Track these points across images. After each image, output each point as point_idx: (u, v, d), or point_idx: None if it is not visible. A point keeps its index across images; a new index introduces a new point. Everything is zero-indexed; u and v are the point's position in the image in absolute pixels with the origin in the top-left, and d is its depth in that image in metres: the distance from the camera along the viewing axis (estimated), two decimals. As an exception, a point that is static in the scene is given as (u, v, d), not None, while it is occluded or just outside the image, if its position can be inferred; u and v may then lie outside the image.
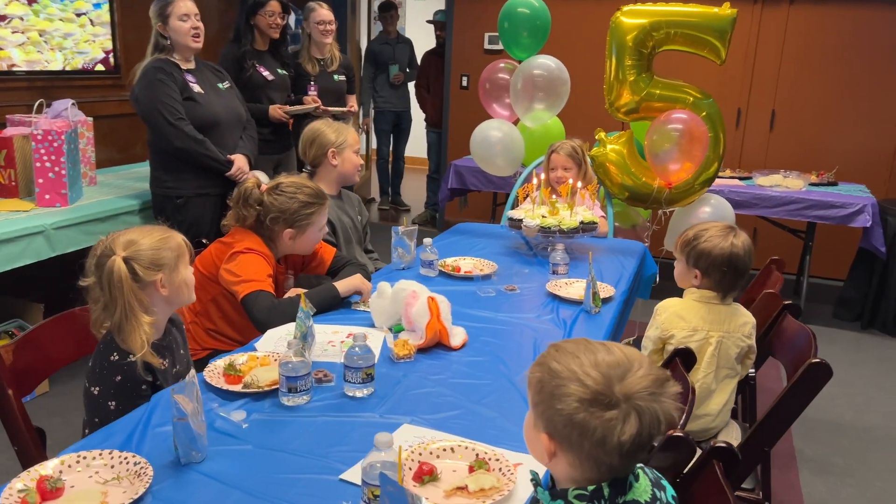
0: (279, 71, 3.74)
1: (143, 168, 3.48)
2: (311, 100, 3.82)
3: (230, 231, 2.30)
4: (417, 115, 6.55)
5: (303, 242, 2.29)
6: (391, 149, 6.65)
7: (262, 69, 3.64)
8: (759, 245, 5.16)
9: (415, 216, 6.54)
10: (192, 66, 3.05)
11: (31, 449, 1.61)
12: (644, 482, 1.13)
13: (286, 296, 2.23)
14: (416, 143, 7.00)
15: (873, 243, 4.07)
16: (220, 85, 3.14)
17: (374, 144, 6.82)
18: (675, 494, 1.17)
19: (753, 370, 2.24)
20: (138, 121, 3.07)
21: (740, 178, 4.59)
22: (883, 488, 2.73)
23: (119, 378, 1.55)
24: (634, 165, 3.53)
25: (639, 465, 1.15)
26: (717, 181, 4.35)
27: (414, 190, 7.37)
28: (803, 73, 5.09)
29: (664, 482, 1.17)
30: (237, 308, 2.17)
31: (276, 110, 3.64)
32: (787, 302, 2.23)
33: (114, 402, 1.56)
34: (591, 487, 1.06)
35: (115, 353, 1.56)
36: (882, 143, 5.00)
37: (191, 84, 2.99)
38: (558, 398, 1.04)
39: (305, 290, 2.20)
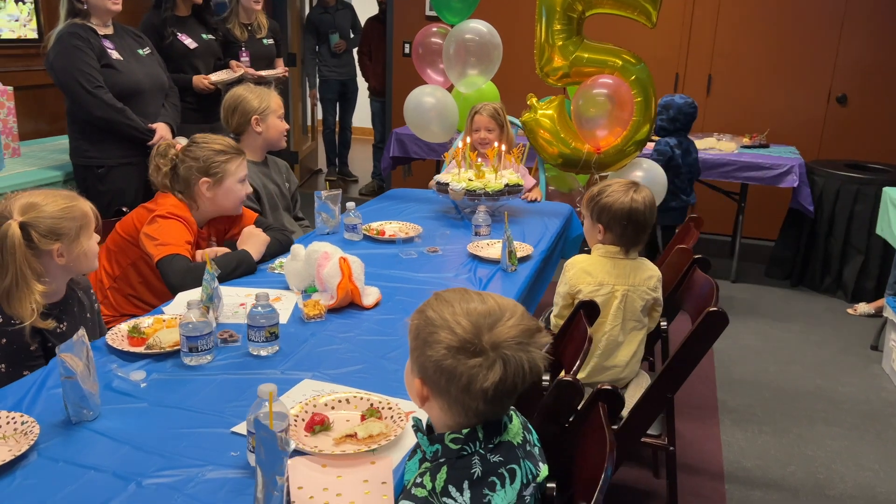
0: (204, 37, 3.61)
1: (70, 139, 3.40)
2: (235, 65, 3.73)
3: (155, 196, 2.29)
4: (364, 84, 6.50)
5: (223, 195, 2.26)
6: (337, 118, 6.59)
7: (183, 37, 3.51)
8: (696, 207, 5.30)
9: (362, 187, 6.52)
10: (109, 31, 2.97)
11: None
12: (517, 424, 1.17)
13: (200, 254, 2.22)
14: (364, 113, 6.95)
15: (801, 202, 4.20)
16: (140, 51, 3.07)
17: (320, 115, 6.75)
18: (538, 437, 1.22)
19: (665, 322, 2.31)
20: (64, 91, 2.99)
21: (676, 142, 4.67)
22: (799, 434, 2.85)
23: (4, 341, 1.54)
24: (565, 131, 3.57)
25: (511, 408, 1.19)
26: (652, 145, 4.43)
27: (362, 161, 7.33)
28: (739, 38, 5.17)
29: (530, 426, 1.22)
30: (157, 273, 2.16)
31: (201, 81, 3.54)
32: (696, 256, 2.31)
33: (4, 366, 1.55)
34: (465, 431, 1.10)
35: None
36: (814, 106, 5.12)
37: (109, 50, 2.91)
38: (430, 345, 1.07)
39: (226, 250, 2.22)
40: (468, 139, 2.90)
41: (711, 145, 4.49)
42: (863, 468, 2.64)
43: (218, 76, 3.60)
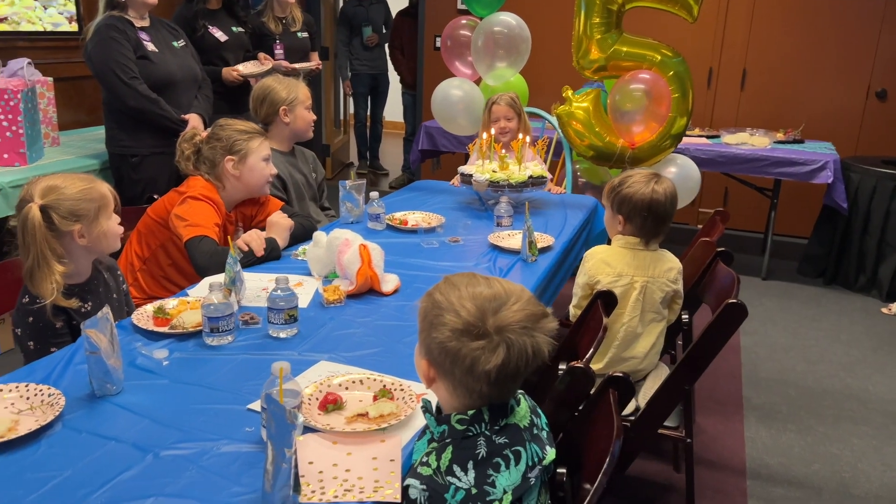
0: (234, 29, 3.68)
1: (108, 129, 3.49)
2: (264, 58, 3.78)
3: (186, 179, 2.35)
4: (395, 78, 6.54)
5: (248, 173, 2.32)
6: (369, 112, 6.65)
7: (214, 30, 3.58)
8: (729, 204, 5.24)
9: (392, 180, 6.56)
10: (146, 23, 3.05)
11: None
12: (524, 407, 1.19)
13: (241, 239, 2.27)
14: (395, 107, 7.00)
15: (835, 199, 4.12)
16: (174, 43, 3.14)
17: (351, 108, 6.81)
18: (546, 421, 1.23)
19: (687, 315, 2.30)
20: (102, 81, 3.08)
21: (708, 137, 4.62)
22: (825, 433, 2.81)
23: (31, 319, 1.61)
24: (599, 125, 3.56)
25: (520, 391, 1.21)
26: (685, 140, 4.38)
27: (393, 154, 7.38)
28: (775, 31, 5.08)
29: (539, 410, 1.24)
30: (185, 255, 2.21)
31: (230, 72, 3.60)
32: (719, 249, 2.29)
33: (32, 342, 1.61)
34: (471, 412, 1.12)
35: (26, 296, 1.61)
36: (851, 102, 5.01)
37: (144, 42, 2.99)
38: (436, 327, 1.10)
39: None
40: (493, 131, 2.90)
41: (744, 140, 4.42)
42: (890, 468, 2.59)
43: (246, 68, 3.65)
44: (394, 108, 7.08)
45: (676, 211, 2.11)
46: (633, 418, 1.92)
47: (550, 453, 1.18)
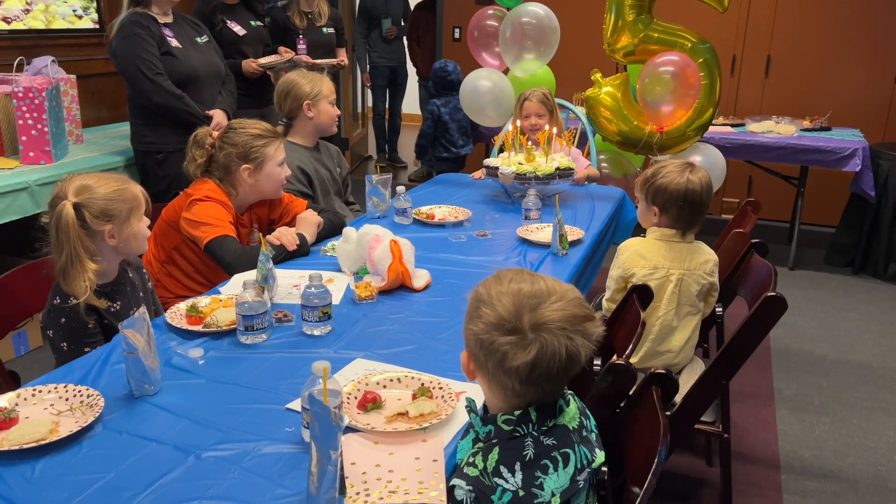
0: (252, 24, 3.67)
1: (131, 126, 3.50)
2: (284, 51, 3.77)
3: (193, 182, 2.30)
4: (413, 70, 6.50)
5: (265, 180, 2.25)
6: (387, 105, 6.62)
7: (232, 24, 3.58)
8: (754, 193, 5.17)
9: (411, 172, 6.54)
10: (169, 19, 3.04)
11: (3, 389, 1.67)
12: (573, 409, 1.16)
13: (272, 235, 2.23)
14: (413, 100, 6.96)
15: (863, 187, 4.05)
16: (198, 39, 3.14)
17: (369, 101, 6.78)
18: (595, 423, 1.21)
19: (721, 308, 2.26)
20: (125, 79, 3.08)
21: (732, 125, 4.55)
22: (858, 425, 2.76)
23: (63, 320, 1.60)
24: (627, 108, 3.52)
25: (569, 391, 1.18)
26: (710, 128, 4.33)
27: (411, 147, 7.33)
28: (800, 17, 4.99)
29: (588, 412, 1.21)
30: (201, 255, 2.18)
31: (250, 64, 3.59)
32: (754, 241, 2.25)
33: (65, 343, 1.61)
34: (517, 412, 1.09)
35: (57, 297, 1.60)
36: (879, 88, 4.92)
37: (168, 38, 2.99)
38: (473, 319, 1.09)
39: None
40: (518, 123, 2.87)
41: (769, 128, 4.35)
42: (927, 461, 2.55)
43: (266, 59, 3.65)
44: (411, 101, 7.05)
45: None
46: (668, 413, 1.89)
47: (600, 456, 1.16)
